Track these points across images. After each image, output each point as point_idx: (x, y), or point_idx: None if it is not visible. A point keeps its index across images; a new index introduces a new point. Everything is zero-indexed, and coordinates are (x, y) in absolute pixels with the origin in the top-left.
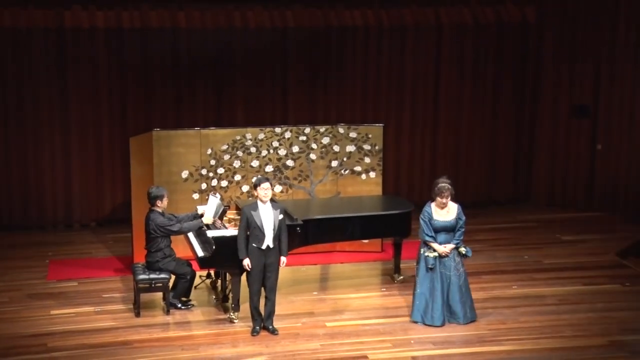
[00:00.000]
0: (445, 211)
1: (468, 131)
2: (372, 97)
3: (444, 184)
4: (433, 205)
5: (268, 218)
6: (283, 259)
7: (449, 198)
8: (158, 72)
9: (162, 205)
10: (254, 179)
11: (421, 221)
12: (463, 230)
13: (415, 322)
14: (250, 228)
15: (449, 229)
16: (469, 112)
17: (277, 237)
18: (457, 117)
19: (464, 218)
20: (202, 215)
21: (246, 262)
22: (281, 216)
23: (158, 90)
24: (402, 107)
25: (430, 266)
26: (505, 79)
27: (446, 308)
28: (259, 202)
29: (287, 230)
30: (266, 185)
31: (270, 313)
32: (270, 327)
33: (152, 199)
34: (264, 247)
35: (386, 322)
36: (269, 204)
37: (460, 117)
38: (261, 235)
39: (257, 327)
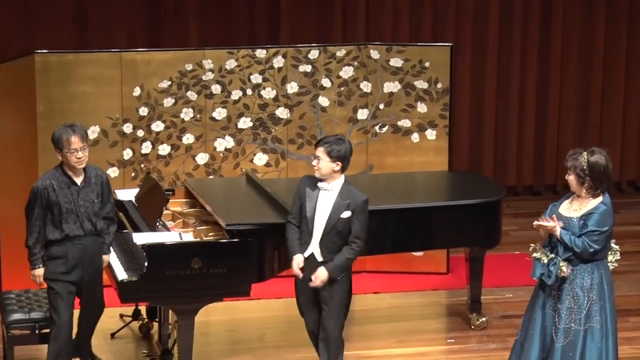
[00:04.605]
0: (577, 204)
1: (606, 67)
2: (429, 2)
3: (571, 150)
4: None
5: (324, 208)
6: (321, 271)
7: (572, 175)
8: None
9: None
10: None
11: None
12: (582, 244)
13: None
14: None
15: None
16: (604, 31)
17: (331, 248)
18: (586, 41)
19: (596, 228)
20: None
21: (297, 261)
22: (348, 213)
23: None
24: (485, 20)
25: (535, 276)
26: None
27: None
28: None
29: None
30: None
31: None
32: None
33: None
34: (306, 254)
35: None
36: (335, 184)
37: (591, 44)
38: (306, 234)
39: None
